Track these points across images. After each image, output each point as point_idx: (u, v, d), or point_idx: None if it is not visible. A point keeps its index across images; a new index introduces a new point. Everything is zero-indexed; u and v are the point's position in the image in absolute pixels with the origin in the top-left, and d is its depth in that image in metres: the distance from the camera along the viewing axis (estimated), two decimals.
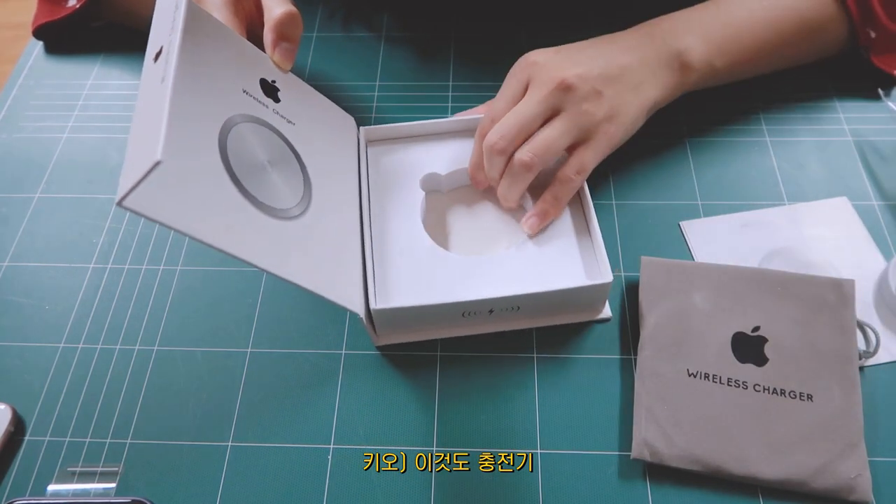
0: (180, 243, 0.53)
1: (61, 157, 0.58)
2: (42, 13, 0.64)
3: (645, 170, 0.55)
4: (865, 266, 0.49)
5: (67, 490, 0.42)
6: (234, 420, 0.44)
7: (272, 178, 0.42)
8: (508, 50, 0.63)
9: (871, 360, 0.45)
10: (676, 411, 0.42)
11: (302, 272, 0.41)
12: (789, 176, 0.54)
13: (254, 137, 0.42)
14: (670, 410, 0.42)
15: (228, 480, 0.42)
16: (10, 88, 0.63)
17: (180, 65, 0.38)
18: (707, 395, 0.42)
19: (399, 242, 0.48)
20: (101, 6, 0.64)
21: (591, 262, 0.47)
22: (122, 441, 0.44)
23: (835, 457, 0.40)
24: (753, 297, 0.45)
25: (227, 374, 0.46)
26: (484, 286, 0.46)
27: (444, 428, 0.44)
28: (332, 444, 0.43)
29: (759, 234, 0.51)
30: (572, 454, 0.43)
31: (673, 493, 0.41)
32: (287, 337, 0.48)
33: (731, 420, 0.42)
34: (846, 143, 0.56)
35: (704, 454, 0.41)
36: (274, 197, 0.42)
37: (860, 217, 0.51)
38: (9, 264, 0.52)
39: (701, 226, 0.52)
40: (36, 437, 0.44)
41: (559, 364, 0.46)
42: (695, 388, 0.43)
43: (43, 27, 0.64)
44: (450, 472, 0.42)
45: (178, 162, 0.35)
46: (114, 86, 0.63)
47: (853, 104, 0.58)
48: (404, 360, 0.47)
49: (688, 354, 0.44)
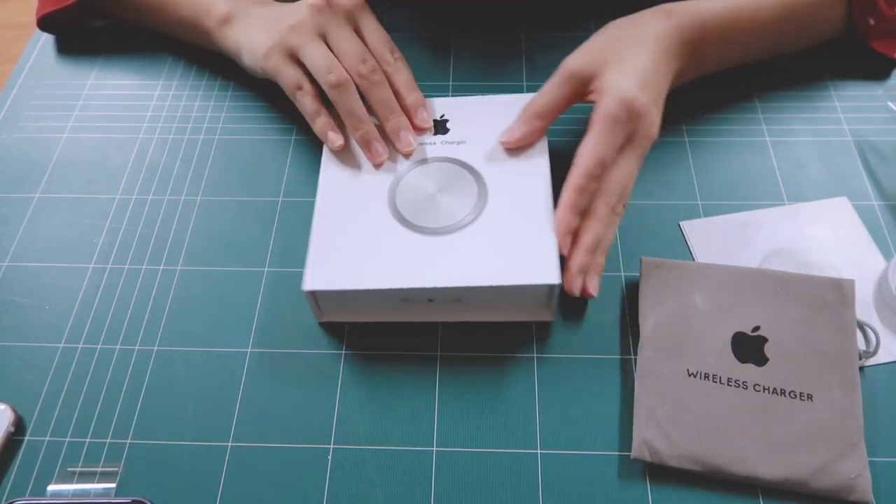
0: (180, 243, 0.53)
1: (61, 157, 0.58)
2: (46, 2, 0.63)
3: (645, 170, 0.55)
4: (865, 266, 0.49)
5: (67, 490, 0.42)
6: (234, 420, 0.44)
7: (442, 201, 0.49)
8: (508, 50, 0.64)
9: (871, 360, 0.45)
10: (676, 411, 0.42)
11: (474, 272, 0.44)
12: (789, 176, 0.54)
13: (421, 176, 0.50)
14: (670, 410, 0.42)
15: (228, 480, 0.42)
16: (10, 88, 0.63)
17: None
18: (707, 394, 0.43)
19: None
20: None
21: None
22: (122, 441, 0.44)
23: (835, 457, 0.40)
24: (753, 297, 0.45)
25: (227, 374, 0.46)
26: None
27: (444, 428, 0.44)
28: (332, 444, 0.43)
29: (760, 234, 0.51)
30: (572, 454, 0.43)
31: (673, 493, 0.41)
32: (287, 337, 0.48)
33: (731, 420, 0.42)
34: (846, 143, 0.56)
35: (704, 454, 0.41)
36: (444, 217, 0.48)
37: (860, 217, 0.51)
38: (9, 264, 0.52)
39: (701, 226, 0.52)
40: (36, 437, 0.44)
41: (559, 364, 0.46)
42: (695, 388, 0.43)
43: (47, 17, 0.63)
44: (450, 472, 0.42)
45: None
46: (114, 86, 0.63)
47: (853, 104, 0.58)
48: (404, 359, 0.47)
49: (688, 354, 0.44)
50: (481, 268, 0.45)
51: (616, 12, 0.53)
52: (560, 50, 0.51)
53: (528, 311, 0.47)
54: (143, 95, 0.62)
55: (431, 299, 0.46)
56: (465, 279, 0.44)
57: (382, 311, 0.47)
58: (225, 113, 0.60)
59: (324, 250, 0.46)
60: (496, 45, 0.64)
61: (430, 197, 0.49)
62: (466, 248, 0.46)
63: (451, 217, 0.48)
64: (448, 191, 0.49)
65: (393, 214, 0.48)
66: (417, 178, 0.50)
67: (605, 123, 0.46)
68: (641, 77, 0.48)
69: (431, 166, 0.51)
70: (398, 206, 0.48)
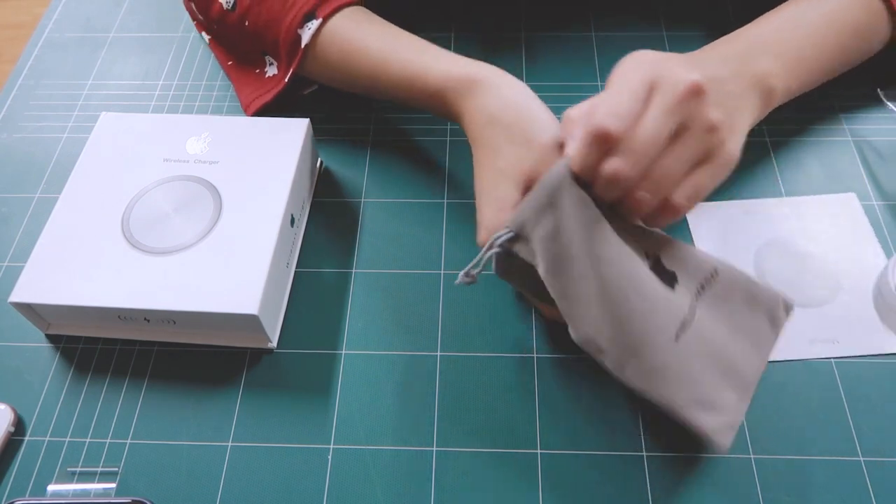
0: None
1: (61, 157, 0.58)
2: (247, 93, 0.59)
3: None
4: (865, 263, 0.49)
5: (67, 490, 0.42)
6: (235, 420, 0.44)
7: (174, 221, 0.48)
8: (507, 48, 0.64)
9: (837, 352, 0.45)
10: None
11: (183, 296, 0.44)
12: (789, 176, 0.54)
13: (163, 194, 0.49)
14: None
15: (228, 480, 0.42)
16: (10, 88, 0.63)
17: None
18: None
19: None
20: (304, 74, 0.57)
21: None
22: (122, 441, 0.44)
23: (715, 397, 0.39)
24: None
25: (227, 373, 0.46)
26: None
27: (444, 428, 0.44)
28: (332, 444, 0.43)
29: (760, 222, 0.51)
30: (572, 454, 0.43)
31: (673, 493, 0.41)
32: (287, 337, 0.48)
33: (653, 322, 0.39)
34: (846, 143, 0.56)
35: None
36: (170, 238, 0.47)
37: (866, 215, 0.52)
38: (9, 264, 0.52)
39: (703, 210, 0.52)
40: (36, 437, 0.44)
41: (559, 364, 0.46)
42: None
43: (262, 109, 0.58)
44: (450, 473, 0.42)
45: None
46: (113, 86, 0.63)
47: (853, 104, 0.58)
48: (404, 360, 0.47)
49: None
50: (191, 292, 0.45)
51: (617, 12, 0.53)
52: (559, 51, 0.51)
53: (241, 338, 0.47)
54: (144, 95, 0.62)
55: (147, 319, 0.46)
56: (172, 303, 0.44)
57: (104, 327, 0.47)
58: (225, 114, 0.60)
59: (42, 263, 0.46)
60: (496, 46, 0.64)
61: (164, 216, 0.48)
62: (182, 270, 0.45)
63: (178, 238, 0.47)
64: (184, 211, 0.48)
65: (122, 232, 0.47)
66: (156, 196, 0.49)
67: (618, 79, 0.39)
68: (694, 62, 0.42)
69: (175, 185, 0.50)
70: (130, 223, 0.48)
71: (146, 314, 0.45)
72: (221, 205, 0.49)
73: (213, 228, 0.47)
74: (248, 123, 0.53)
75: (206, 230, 0.47)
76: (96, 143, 0.53)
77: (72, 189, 0.50)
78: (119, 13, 0.69)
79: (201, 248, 0.47)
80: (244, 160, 0.51)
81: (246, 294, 0.44)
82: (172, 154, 0.52)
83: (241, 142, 0.52)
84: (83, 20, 0.69)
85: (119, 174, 0.51)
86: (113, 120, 0.54)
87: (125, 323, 0.47)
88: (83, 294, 0.45)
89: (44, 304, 0.45)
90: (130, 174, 0.51)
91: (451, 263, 0.51)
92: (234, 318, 0.44)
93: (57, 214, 0.49)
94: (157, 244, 0.47)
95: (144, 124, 0.54)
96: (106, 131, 0.53)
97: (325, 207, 0.54)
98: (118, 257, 0.46)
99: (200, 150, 0.52)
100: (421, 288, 0.50)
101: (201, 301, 0.44)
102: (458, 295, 0.49)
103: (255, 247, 0.46)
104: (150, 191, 0.50)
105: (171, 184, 0.50)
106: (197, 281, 0.45)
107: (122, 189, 0.50)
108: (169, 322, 0.46)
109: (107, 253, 0.46)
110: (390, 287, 0.50)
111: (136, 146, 0.52)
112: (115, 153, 0.52)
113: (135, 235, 0.47)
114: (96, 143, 0.53)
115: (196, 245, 0.47)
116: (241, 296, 0.44)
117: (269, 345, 0.47)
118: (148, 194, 0.49)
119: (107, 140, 0.53)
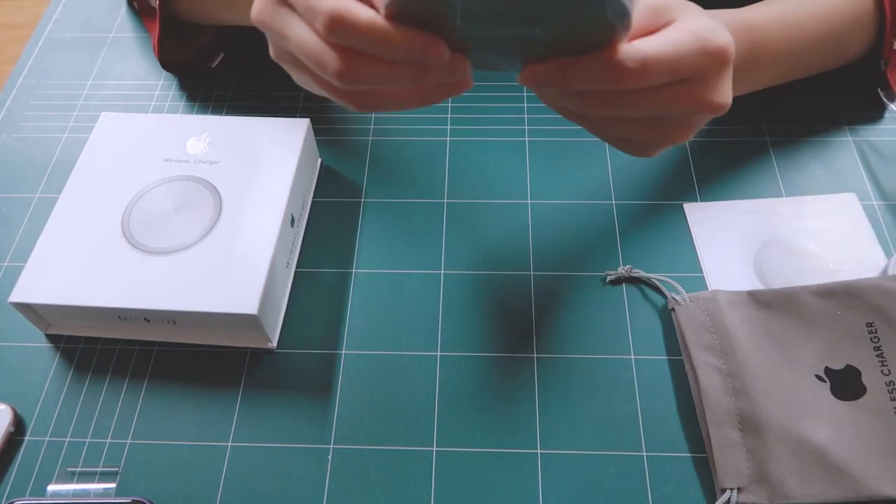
0: None
1: (61, 158, 0.58)
2: (153, 39, 0.59)
3: (644, 171, 0.55)
4: (865, 262, 0.49)
5: (67, 490, 0.42)
6: (234, 420, 0.44)
7: (174, 221, 0.48)
8: None
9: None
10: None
11: (184, 296, 0.44)
12: (789, 176, 0.54)
13: (163, 194, 0.49)
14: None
15: (228, 480, 0.42)
16: (10, 88, 0.63)
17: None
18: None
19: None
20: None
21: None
22: (122, 441, 0.44)
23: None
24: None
25: (226, 373, 0.46)
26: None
27: (444, 428, 0.44)
28: (332, 444, 0.43)
29: (762, 222, 0.51)
30: (572, 454, 0.43)
31: (674, 493, 0.41)
32: (287, 337, 0.48)
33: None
34: (846, 143, 0.56)
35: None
36: (170, 238, 0.47)
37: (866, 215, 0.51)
38: (9, 264, 0.52)
39: (703, 209, 0.52)
40: (36, 437, 0.44)
41: (559, 364, 0.46)
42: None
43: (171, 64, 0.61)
44: (450, 473, 0.42)
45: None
46: (113, 86, 0.63)
47: (853, 104, 0.58)
48: (404, 360, 0.47)
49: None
50: (191, 292, 0.44)
51: None
52: None
53: (241, 338, 0.47)
54: (144, 95, 0.62)
55: (147, 319, 0.46)
56: (172, 303, 0.44)
57: (104, 327, 0.47)
58: (225, 114, 0.60)
59: (42, 263, 0.46)
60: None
61: (164, 216, 0.48)
62: (182, 270, 0.45)
63: (178, 238, 0.47)
64: (184, 211, 0.48)
65: (122, 232, 0.47)
66: (156, 196, 0.49)
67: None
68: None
69: (175, 185, 0.50)
70: (130, 223, 0.48)
71: (146, 314, 0.45)
72: (221, 205, 0.49)
73: (212, 228, 0.47)
74: (248, 123, 0.53)
75: (206, 230, 0.47)
76: (96, 143, 0.53)
77: (72, 189, 0.50)
78: (119, 13, 0.69)
79: (201, 248, 0.47)
80: (244, 160, 0.51)
81: (246, 294, 0.44)
82: (172, 154, 0.52)
83: (241, 142, 0.52)
84: (83, 20, 0.69)
85: (119, 174, 0.51)
86: (113, 120, 0.54)
87: (125, 323, 0.47)
88: (83, 294, 0.45)
89: (44, 304, 0.45)
90: (130, 174, 0.51)
91: (451, 263, 0.51)
92: (233, 318, 0.44)
93: (57, 214, 0.49)
94: (157, 244, 0.47)
95: (144, 124, 0.54)
96: (106, 131, 0.53)
97: (325, 207, 0.54)
98: (118, 257, 0.46)
99: (200, 150, 0.52)
100: (421, 288, 0.50)
101: (201, 301, 0.44)
102: (459, 295, 0.49)
103: (254, 247, 0.46)
104: (150, 191, 0.50)
105: (171, 184, 0.50)
106: (197, 281, 0.45)
107: (122, 189, 0.50)
108: (169, 322, 0.46)
109: (107, 253, 0.46)
110: (390, 287, 0.50)
111: (136, 146, 0.52)
112: (115, 153, 0.52)
113: (135, 235, 0.47)
114: (96, 143, 0.53)
115: (196, 245, 0.47)
116: (241, 296, 0.44)
117: (269, 345, 0.47)
118: (148, 194, 0.49)
119: (107, 140, 0.53)
